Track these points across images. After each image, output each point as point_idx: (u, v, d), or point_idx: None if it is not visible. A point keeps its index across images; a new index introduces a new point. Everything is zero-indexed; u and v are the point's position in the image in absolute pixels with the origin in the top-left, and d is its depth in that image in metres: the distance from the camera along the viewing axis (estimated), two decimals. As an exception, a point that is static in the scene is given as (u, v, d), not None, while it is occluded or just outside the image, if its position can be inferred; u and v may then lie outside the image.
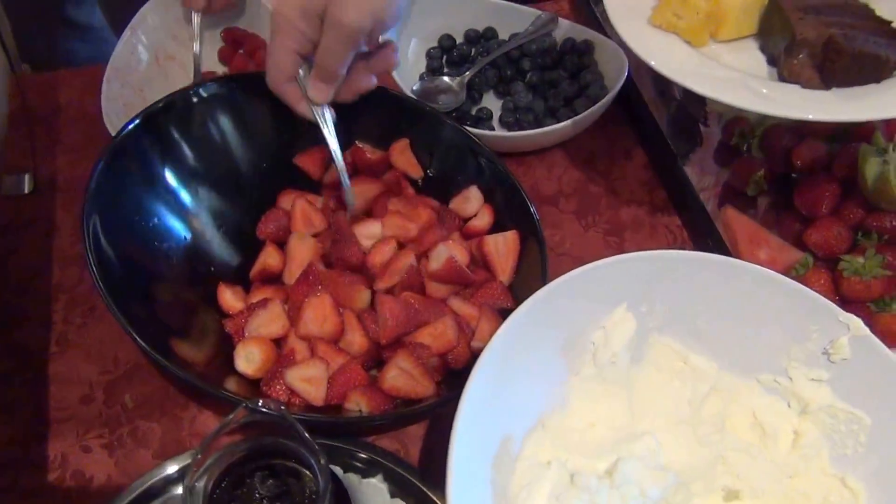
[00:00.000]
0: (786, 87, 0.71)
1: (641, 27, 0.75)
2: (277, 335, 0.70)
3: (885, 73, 0.70)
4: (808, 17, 0.72)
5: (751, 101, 0.69)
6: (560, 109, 0.86)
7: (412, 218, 0.76)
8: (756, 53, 0.76)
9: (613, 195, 0.85)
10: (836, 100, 0.69)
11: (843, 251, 0.75)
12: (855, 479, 0.63)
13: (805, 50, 0.70)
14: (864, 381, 0.63)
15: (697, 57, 0.74)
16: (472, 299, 0.72)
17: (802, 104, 0.69)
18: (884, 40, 0.70)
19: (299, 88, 0.72)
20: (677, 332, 0.67)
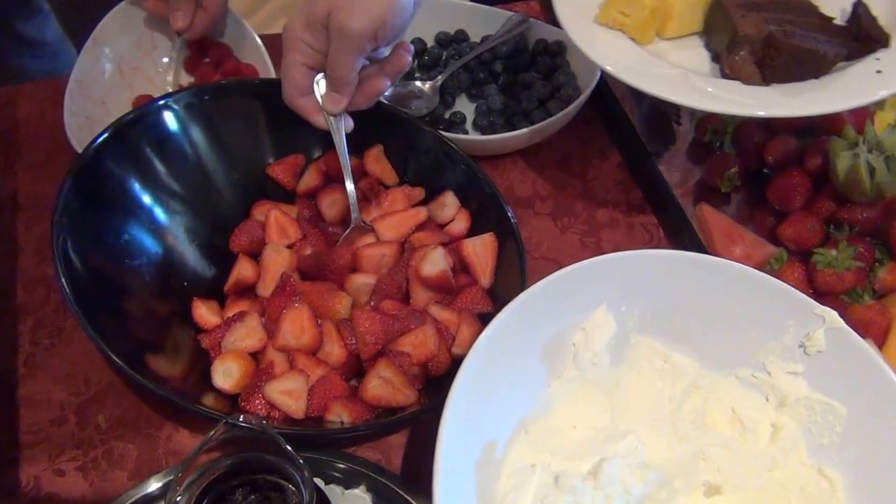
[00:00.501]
0: (727, 84, 0.72)
1: (588, 25, 0.76)
2: (255, 348, 0.69)
3: (823, 69, 0.71)
4: (749, 14, 0.73)
5: (692, 97, 0.69)
6: (533, 111, 0.86)
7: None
8: (701, 50, 0.77)
9: (589, 196, 0.85)
10: (775, 95, 0.70)
11: (817, 244, 0.76)
12: (832, 469, 0.64)
13: (746, 46, 0.70)
14: (840, 372, 0.64)
15: (643, 54, 0.75)
16: (452, 305, 0.71)
17: (742, 100, 0.70)
18: (823, 36, 0.71)
19: (313, 101, 0.72)
20: (657, 331, 0.68)
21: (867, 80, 0.69)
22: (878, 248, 0.75)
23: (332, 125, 0.72)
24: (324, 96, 0.71)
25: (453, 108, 0.89)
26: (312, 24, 0.67)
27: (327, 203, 0.77)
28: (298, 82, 0.71)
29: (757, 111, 0.70)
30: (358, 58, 0.68)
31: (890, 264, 0.75)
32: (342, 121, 0.73)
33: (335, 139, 0.73)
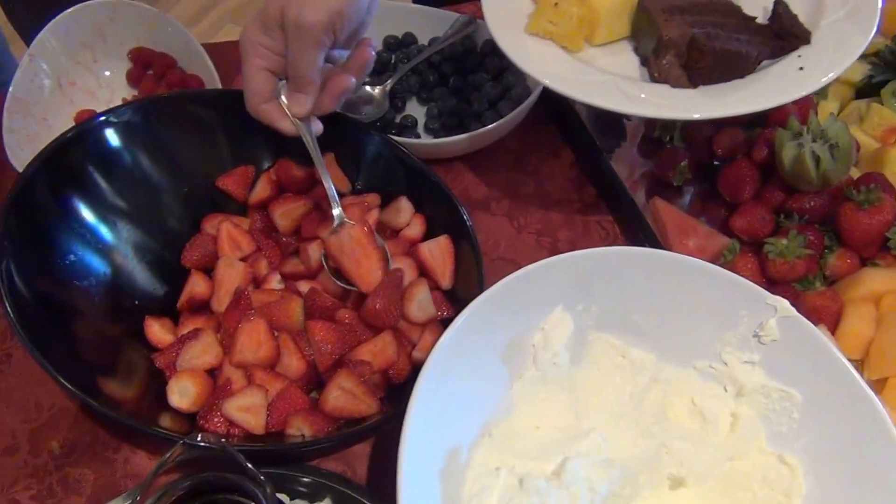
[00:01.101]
0: (656, 88, 0.73)
1: (519, 36, 0.76)
2: (211, 365, 0.68)
3: (748, 69, 0.72)
4: (672, 17, 0.74)
5: (623, 103, 0.70)
6: (485, 113, 0.86)
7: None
8: (631, 55, 0.78)
9: (544, 195, 0.85)
10: (702, 97, 0.71)
11: (768, 234, 0.77)
12: (791, 455, 0.65)
13: (671, 50, 0.72)
14: (794, 359, 0.65)
15: (573, 62, 0.75)
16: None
17: (670, 104, 0.71)
18: (746, 36, 0.73)
19: (277, 107, 0.70)
20: (615, 328, 0.68)
21: (790, 77, 0.71)
22: (828, 235, 0.77)
23: (301, 129, 0.71)
24: (288, 99, 0.70)
25: (404, 112, 0.89)
26: (268, 26, 0.66)
27: (280, 213, 0.76)
28: (260, 88, 0.69)
29: (686, 114, 0.71)
30: (318, 52, 0.67)
31: (839, 251, 0.76)
32: (311, 124, 0.71)
33: (306, 142, 0.71)
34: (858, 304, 0.74)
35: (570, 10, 0.74)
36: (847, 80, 0.86)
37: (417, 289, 0.69)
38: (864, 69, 0.86)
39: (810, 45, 0.73)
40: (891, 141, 0.81)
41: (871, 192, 0.74)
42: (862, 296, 0.75)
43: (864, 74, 0.86)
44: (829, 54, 0.71)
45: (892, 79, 0.84)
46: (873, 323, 0.74)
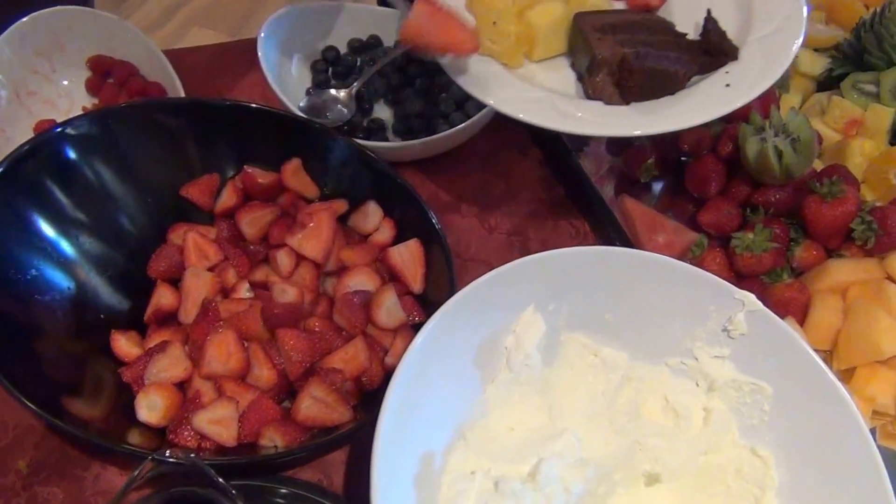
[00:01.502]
0: (590, 105, 0.74)
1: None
2: (180, 378, 0.67)
3: (677, 86, 0.73)
4: (605, 37, 0.74)
5: (556, 121, 0.71)
6: (452, 113, 0.85)
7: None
8: (569, 71, 0.78)
9: (514, 195, 0.85)
10: (634, 114, 0.72)
11: (735, 228, 0.78)
12: (763, 447, 0.66)
13: (604, 69, 0.72)
14: (763, 352, 0.66)
15: (511, 79, 0.75)
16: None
17: (603, 121, 0.72)
18: (675, 54, 0.74)
19: None
20: (586, 327, 0.68)
21: (718, 93, 0.72)
22: (794, 228, 0.78)
23: None
24: None
25: (372, 115, 0.88)
26: None
27: (247, 221, 0.75)
28: None
29: (618, 132, 0.72)
30: None
31: (805, 243, 0.77)
32: None
33: None
34: (825, 296, 0.75)
35: (509, 29, 0.74)
36: (808, 73, 0.88)
37: (385, 295, 0.68)
38: (824, 63, 0.88)
39: (738, 62, 0.74)
40: (852, 133, 0.82)
41: (833, 184, 0.74)
42: (828, 287, 0.76)
43: (824, 68, 0.87)
44: (754, 71, 0.72)
45: (851, 71, 0.85)
46: (840, 313, 0.75)
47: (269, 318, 0.68)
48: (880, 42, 0.82)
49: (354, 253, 0.73)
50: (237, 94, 0.89)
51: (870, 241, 0.75)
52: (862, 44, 0.84)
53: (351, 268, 0.72)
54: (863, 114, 0.82)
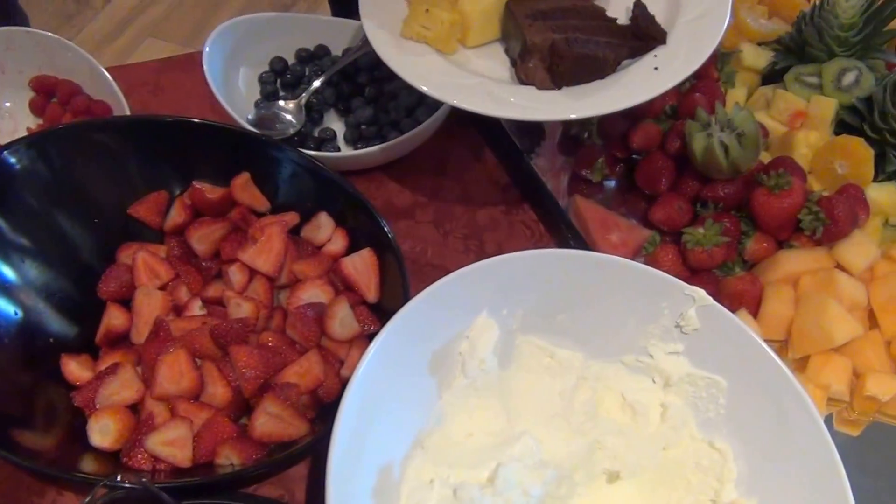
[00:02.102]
0: (524, 90, 0.74)
1: (395, 40, 0.76)
2: (132, 400, 0.66)
3: (607, 70, 0.74)
4: (535, 22, 0.75)
5: (490, 106, 0.71)
6: (403, 121, 0.85)
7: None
8: (503, 57, 0.79)
9: (468, 198, 0.85)
10: (565, 99, 0.73)
11: (686, 224, 0.78)
12: (721, 440, 0.67)
13: (535, 55, 0.73)
14: (715, 346, 0.67)
15: (446, 65, 0.76)
16: (339, 328, 0.70)
17: (535, 106, 0.73)
18: (605, 38, 0.74)
19: None
20: (540, 330, 0.68)
21: (646, 77, 0.73)
22: (744, 221, 0.79)
23: None
24: None
25: (322, 124, 0.88)
26: None
27: (197, 238, 0.74)
28: None
29: (549, 116, 0.74)
30: None
31: (756, 235, 0.78)
32: None
33: None
34: (777, 286, 0.76)
35: (442, 16, 0.75)
36: (752, 67, 0.89)
37: (338, 307, 0.68)
38: (767, 56, 0.89)
39: (666, 46, 0.75)
40: (797, 124, 0.83)
41: (780, 176, 0.75)
42: (780, 278, 0.77)
43: (768, 61, 0.88)
44: (682, 54, 0.74)
45: (794, 64, 0.86)
46: (792, 304, 0.76)
47: (222, 334, 0.67)
48: (821, 34, 0.84)
49: (306, 265, 0.72)
50: (187, 108, 0.88)
51: (818, 231, 0.76)
52: (803, 37, 0.85)
53: (303, 280, 0.72)
54: (806, 105, 0.83)
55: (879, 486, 0.69)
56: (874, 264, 0.77)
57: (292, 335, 0.69)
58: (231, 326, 0.67)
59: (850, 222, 0.76)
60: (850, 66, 0.84)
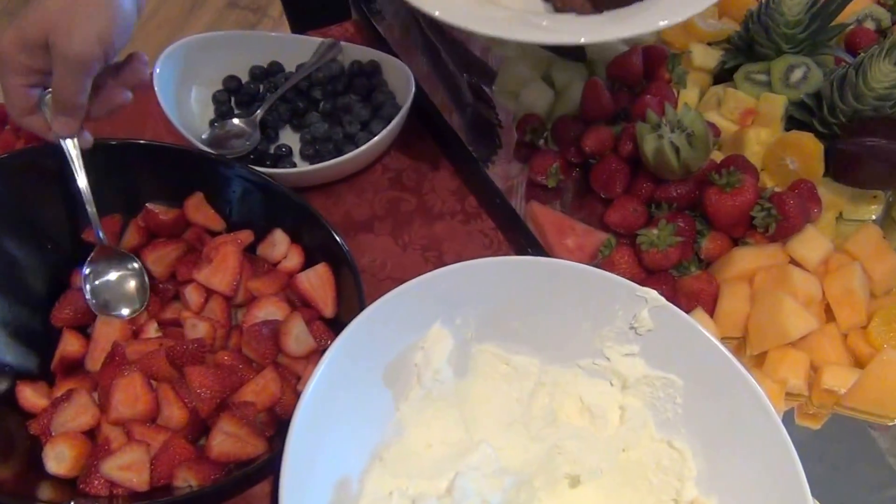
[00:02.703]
0: (562, 17, 0.74)
1: None
2: (88, 426, 0.65)
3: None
4: None
5: (531, 33, 0.71)
6: (358, 134, 0.85)
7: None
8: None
9: (426, 210, 0.85)
10: (607, 21, 0.73)
11: (642, 226, 0.79)
12: (680, 440, 0.67)
13: None
14: (670, 345, 0.67)
15: (477, 2, 0.75)
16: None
17: (578, 29, 0.72)
18: None
19: (42, 119, 0.68)
20: (496, 337, 0.69)
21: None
22: (699, 220, 0.79)
23: (65, 149, 0.69)
24: (53, 119, 0.68)
25: (278, 141, 0.88)
26: (29, 46, 0.63)
27: (153, 260, 0.74)
28: (21, 104, 0.67)
29: (592, 37, 0.73)
30: (85, 81, 0.65)
31: (710, 234, 0.79)
32: (76, 140, 0.69)
33: (69, 159, 0.69)
34: (733, 284, 0.77)
35: None
36: (703, 67, 0.89)
37: (292, 323, 0.68)
38: (717, 56, 0.90)
39: None
40: (748, 122, 0.84)
41: (731, 174, 0.76)
42: (735, 275, 0.77)
43: (718, 61, 0.89)
44: None
45: (743, 63, 0.87)
46: (748, 300, 0.76)
47: (178, 356, 0.67)
48: (768, 32, 0.85)
49: (262, 283, 0.72)
50: (142, 130, 0.88)
51: (771, 228, 0.76)
52: (751, 35, 0.86)
53: (259, 298, 0.72)
54: (756, 103, 0.84)
55: (840, 478, 0.70)
56: (828, 258, 0.78)
57: (248, 353, 0.68)
58: (186, 347, 0.67)
59: (802, 218, 0.77)
60: (797, 63, 0.85)
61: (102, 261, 0.72)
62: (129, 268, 0.73)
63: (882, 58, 0.77)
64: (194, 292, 0.73)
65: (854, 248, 0.78)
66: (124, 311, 0.72)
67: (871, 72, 0.78)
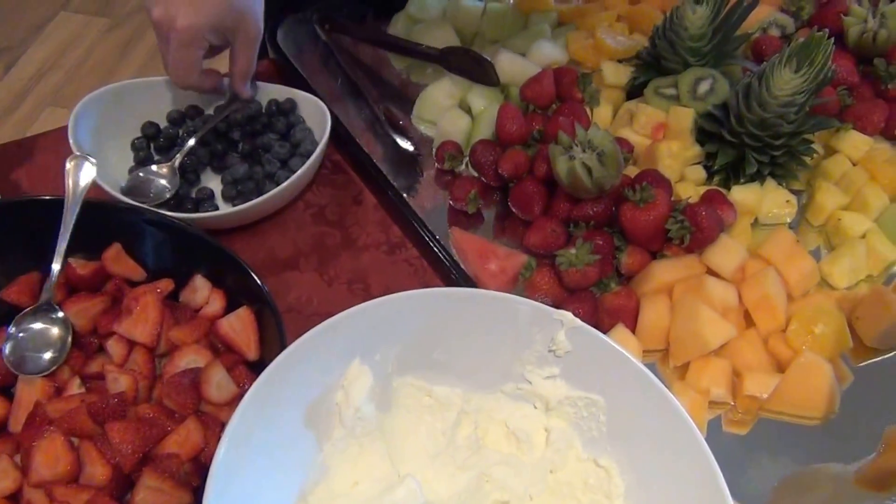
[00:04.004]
0: None
1: None
2: (10, 491, 0.64)
3: None
4: None
5: None
6: (277, 172, 0.86)
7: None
8: None
9: (350, 243, 0.86)
10: None
11: (562, 245, 0.80)
12: (605, 457, 0.68)
13: None
14: (589, 365, 0.68)
15: None
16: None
17: None
18: None
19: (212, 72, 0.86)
20: (416, 370, 0.69)
21: None
22: (617, 236, 0.81)
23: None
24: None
25: (199, 184, 0.88)
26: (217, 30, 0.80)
27: (74, 315, 0.73)
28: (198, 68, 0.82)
29: None
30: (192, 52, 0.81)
31: (628, 248, 0.80)
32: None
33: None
34: (653, 297, 0.78)
35: None
36: (615, 84, 0.91)
37: (212, 371, 0.68)
38: (628, 72, 0.91)
39: None
40: (659, 136, 0.86)
41: (644, 190, 0.78)
42: (654, 288, 0.79)
43: (629, 77, 0.91)
44: None
45: (652, 78, 0.89)
46: (668, 313, 0.78)
47: (98, 412, 0.66)
48: (674, 47, 0.87)
49: (182, 331, 0.72)
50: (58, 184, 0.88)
51: (686, 239, 0.78)
52: (658, 51, 0.88)
53: (180, 347, 0.71)
54: (666, 117, 0.86)
55: (767, 482, 0.71)
56: (744, 265, 0.80)
57: (169, 404, 0.68)
58: (107, 403, 0.66)
59: (715, 227, 0.79)
60: (704, 75, 0.87)
61: (26, 319, 0.72)
62: (50, 324, 0.73)
63: (782, 66, 0.80)
64: (116, 344, 0.72)
65: (768, 253, 0.80)
66: (44, 367, 0.71)
67: (773, 80, 0.80)
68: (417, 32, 0.98)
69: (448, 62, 0.92)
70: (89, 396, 0.69)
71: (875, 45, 0.91)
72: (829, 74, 0.80)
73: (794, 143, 0.83)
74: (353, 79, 0.95)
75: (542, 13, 0.98)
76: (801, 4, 0.98)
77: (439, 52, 0.92)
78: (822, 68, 0.79)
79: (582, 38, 0.96)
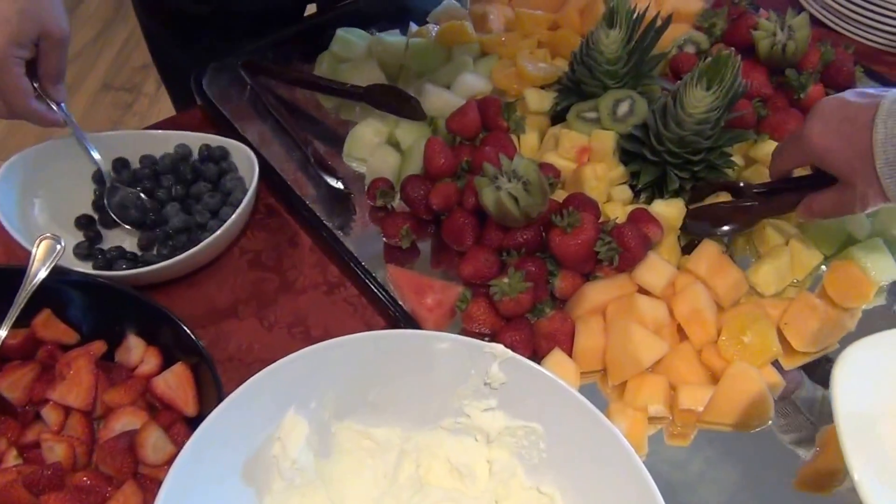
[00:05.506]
0: None
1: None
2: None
3: None
4: None
5: None
6: (209, 222, 0.86)
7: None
8: None
9: (288, 286, 0.86)
10: None
11: (496, 275, 0.81)
12: (547, 484, 0.69)
13: None
14: (525, 395, 0.69)
15: None
16: (157, 451, 0.69)
17: None
18: None
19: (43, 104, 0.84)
20: (354, 413, 0.69)
21: None
22: (549, 261, 0.82)
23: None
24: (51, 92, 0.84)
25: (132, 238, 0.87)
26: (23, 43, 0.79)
27: (7, 386, 0.72)
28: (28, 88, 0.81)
29: None
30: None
31: (561, 273, 0.81)
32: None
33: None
34: (586, 319, 0.80)
35: None
36: (538, 110, 0.93)
37: (147, 432, 0.67)
38: (551, 98, 0.93)
39: None
40: (584, 160, 0.88)
41: (571, 215, 0.79)
42: (588, 310, 0.80)
43: (552, 103, 0.93)
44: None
45: (574, 102, 0.90)
46: (603, 334, 0.79)
47: (34, 484, 0.65)
48: (591, 71, 0.89)
49: (117, 393, 0.72)
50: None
51: (615, 260, 0.79)
52: (577, 76, 0.90)
53: (115, 409, 0.71)
54: (589, 140, 0.87)
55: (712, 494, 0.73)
56: (673, 280, 0.81)
57: (105, 470, 0.68)
58: (42, 474, 0.66)
59: (641, 247, 0.80)
60: (622, 97, 0.89)
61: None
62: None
63: (694, 85, 0.82)
64: (52, 411, 0.71)
65: (695, 268, 0.82)
66: None
67: (687, 99, 0.82)
68: (343, 71, 0.99)
69: (374, 99, 0.93)
70: (25, 468, 0.68)
71: (785, 56, 0.94)
72: (741, 89, 0.83)
73: (713, 157, 0.86)
74: (282, 121, 0.95)
75: (463, 45, 1.00)
76: (713, 21, 1.00)
77: (364, 90, 0.93)
78: (732, 84, 0.81)
79: (504, 66, 0.97)
